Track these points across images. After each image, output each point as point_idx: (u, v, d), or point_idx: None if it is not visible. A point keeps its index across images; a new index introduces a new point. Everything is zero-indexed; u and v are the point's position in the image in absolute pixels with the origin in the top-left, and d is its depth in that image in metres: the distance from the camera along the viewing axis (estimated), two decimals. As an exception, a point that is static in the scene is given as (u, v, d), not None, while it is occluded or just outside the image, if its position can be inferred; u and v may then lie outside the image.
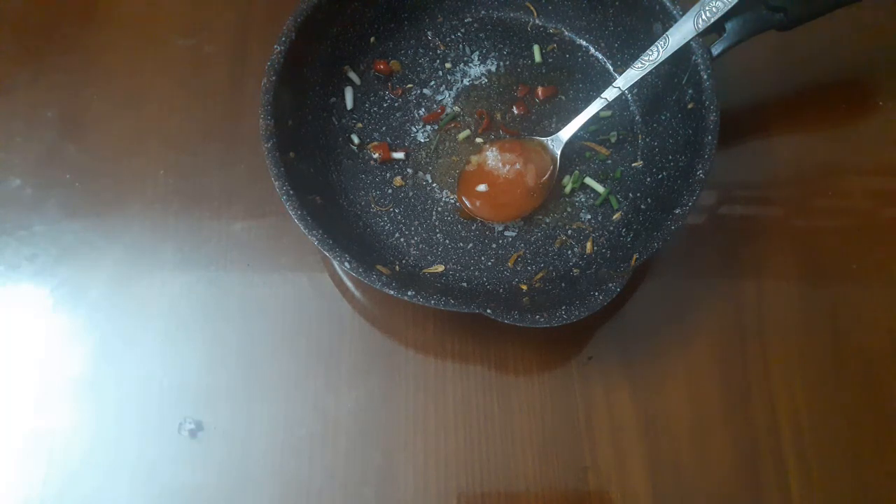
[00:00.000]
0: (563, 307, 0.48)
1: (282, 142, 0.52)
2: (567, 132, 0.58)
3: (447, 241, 0.57)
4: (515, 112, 0.61)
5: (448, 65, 0.63)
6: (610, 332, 0.56)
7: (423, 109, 0.61)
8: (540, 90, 0.62)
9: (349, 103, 0.61)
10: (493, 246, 0.57)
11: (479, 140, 0.60)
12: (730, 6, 0.53)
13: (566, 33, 0.64)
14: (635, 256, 0.49)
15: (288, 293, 0.57)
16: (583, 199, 0.58)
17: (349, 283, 0.57)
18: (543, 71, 0.63)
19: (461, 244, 0.57)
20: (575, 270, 0.55)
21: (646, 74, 0.55)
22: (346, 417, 0.53)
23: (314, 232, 0.50)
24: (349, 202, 0.58)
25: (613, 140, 0.60)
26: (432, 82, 0.62)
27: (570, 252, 0.57)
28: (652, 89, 0.60)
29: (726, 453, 0.52)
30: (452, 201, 0.58)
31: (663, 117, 0.59)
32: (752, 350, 0.55)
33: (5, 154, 0.61)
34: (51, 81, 0.64)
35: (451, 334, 0.56)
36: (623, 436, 0.53)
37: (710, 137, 0.52)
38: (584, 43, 0.63)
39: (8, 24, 0.66)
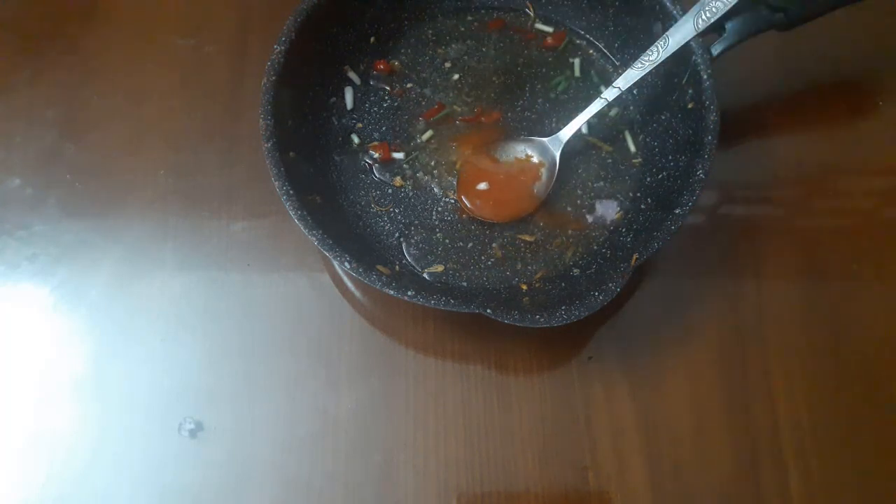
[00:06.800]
0: (563, 307, 0.48)
1: (282, 142, 0.52)
2: (567, 132, 0.58)
3: (447, 241, 0.57)
4: (515, 112, 0.61)
5: (448, 65, 0.63)
6: (610, 332, 0.56)
7: (423, 109, 0.61)
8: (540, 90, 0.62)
9: (349, 103, 0.61)
10: (493, 246, 0.57)
11: (478, 139, 0.60)
12: (730, 6, 0.53)
13: (566, 33, 0.64)
14: (635, 256, 0.49)
15: (288, 293, 0.57)
16: (583, 199, 0.58)
17: (349, 283, 0.57)
18: (543, 70, 0.63)
19: (461, 244, 0.57)
20: (575, 270, 0.55)
21: (646, 74, 0.55)
22: (346, 417, 0.53)
23: (314, 232, 0.49)
24: (349, 202, 0.58)
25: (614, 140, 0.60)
26: (432, 82, 0.62)
27: (569, 252, 0.57)
28: (652, 89, 0.60)
29: (726, 453, 0.52)
30: (452, 201, 0.58)
31: (663, 117, 0.59)
32: (752, 350, 0.55)
33: (5, 154, 0.61)
34: (51, 81, 0.64)
35: (451, 334, 0.56)
36: (623, 436, 0.53)
37: (710, 137, 0.52)
38: (583, 43, 0.63)
39: (8, 24, 0.66)
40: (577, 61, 0.63)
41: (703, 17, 0.53)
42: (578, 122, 0.57)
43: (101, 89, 0.63)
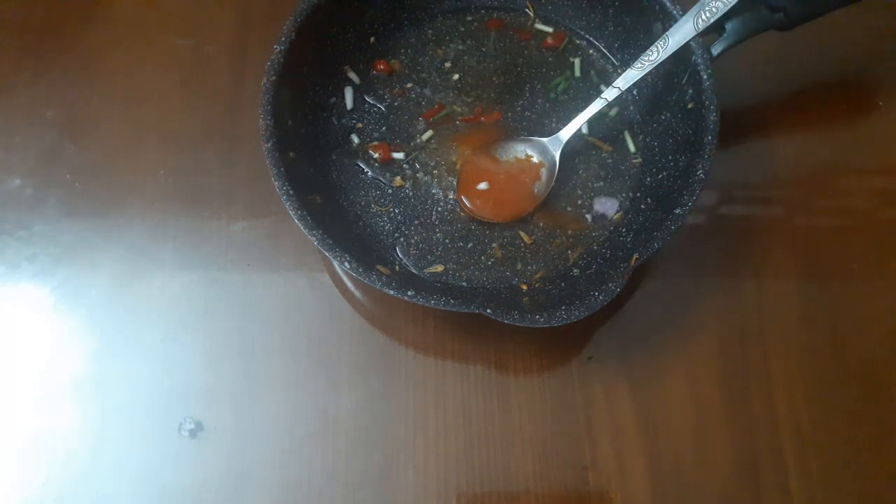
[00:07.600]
0: (563, 307, 0.48)
1: (282, 142, 0.52)
2: (567, 132, 0.58)
3: (447, 241, 0.57)
4: (515, 112, 0.61)
5: (448, 64, 0.63)
6: (610, 332, 0.56)
7: (423, 109, 0.61)
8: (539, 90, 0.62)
9: (349, 103, 0.61)
10: (494, 246, 0.57)
11: (478, 139, 0.60)
12: (730, 6, 0.53)
13: (566, 33, 0.64)
14: (635, 256, 0.49)
15: (288, 293, 0.57)
16: (583, 199, 0.58)
17: (349, 283, 0.57)
18: (543, 70, 0.63)
19: (461, 244, 0.57)
20: (575, 270, 0.55)
21: (646, 74, 0.55)
22: (346, 417, 0.53)
23: (314, 232, 0.49)
24: (349, 202, 0.58)
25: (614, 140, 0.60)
26: (432, 82, 0.62)
27: (570, 252, 0.57)
28: (652, 89, 0.60)
29: (726, 453, 0.52)
30: (452, 201, 0.58)
31: (663, 117, 0.59)
32: (752, 350, 0.55)
33: (5, 154, 0.61)
34: (51, 81, 0.64)
35: (451, 334, 0.56)
36: (623, 436, 0.53)
37: (710, 137, 0.52)
38: (583, 43, 0.64)
39: (8, 24, 0.66)
40: (577, 61, 0.63)
41: (703, 17, 0.53)
42: (578, 122, 0.57)
43: (101, 89, 0.63)
